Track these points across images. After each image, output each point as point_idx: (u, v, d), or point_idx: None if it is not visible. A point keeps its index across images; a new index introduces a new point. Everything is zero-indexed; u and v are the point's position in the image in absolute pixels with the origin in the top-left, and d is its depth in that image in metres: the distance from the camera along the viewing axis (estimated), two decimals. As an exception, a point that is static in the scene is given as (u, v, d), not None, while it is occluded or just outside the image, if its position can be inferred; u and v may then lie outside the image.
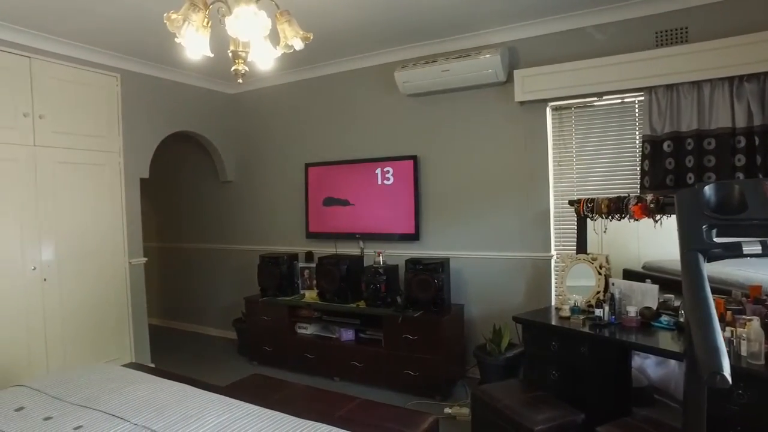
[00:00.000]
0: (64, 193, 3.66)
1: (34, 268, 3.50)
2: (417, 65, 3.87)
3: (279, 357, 4.26)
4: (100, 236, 3.90)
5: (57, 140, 3.62)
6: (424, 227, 4.14)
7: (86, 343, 3.78)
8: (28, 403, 2.13)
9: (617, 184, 3.43)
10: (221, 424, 1.82)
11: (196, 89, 4.78)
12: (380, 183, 4.23)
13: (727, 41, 2.87)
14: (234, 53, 1.93)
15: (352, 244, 4.44)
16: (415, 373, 3.60)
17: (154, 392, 2.19)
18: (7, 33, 3.36)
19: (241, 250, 5.16)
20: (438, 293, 3.64)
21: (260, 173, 5.06)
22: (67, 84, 3.69)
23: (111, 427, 1.86)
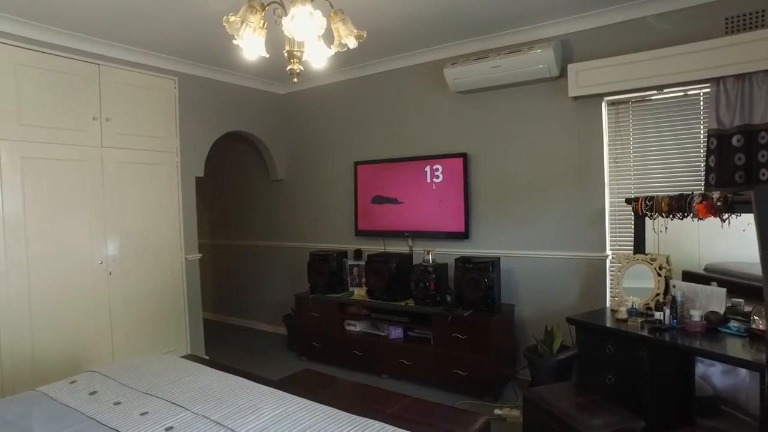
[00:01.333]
0: (127, 191, 3.86)
1: (101, 263, 3.70)
2: (467, 62, 3.82)
3: (328, 353, 4.32)
4: (159, 233, 4.09)
5: (121, 141, 3.82)
6: (474, 226, 4.09)
7: (146, 333, 3.97)
8: (100, 388, 2.26)
9: (678, 182, 3.27)
10: (277, 417, 1.87)
11: (248, 90, 4.91)
12: (429, 181, 4.21)
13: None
14: (289, 53, 1.96)
15: (400, 242, 4.44)
16: (464, 373, 3.56)
17: (211, 383, 2.27)
18: (79, 42, 3.57)
19: (291, 247, 5.26)
20: (488, 292, 3.58)
21: (310, 171, 5.14)
22: (130, 88, 3.88)
23: (173, 415, 1.94)
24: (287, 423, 1.82)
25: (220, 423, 1.84)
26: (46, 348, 3.38)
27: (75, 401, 2.13)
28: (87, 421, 1.94)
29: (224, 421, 1.85)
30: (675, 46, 3.05)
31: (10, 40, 3.23)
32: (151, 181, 4.03)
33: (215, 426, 1.83)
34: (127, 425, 1.87)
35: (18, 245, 3.26)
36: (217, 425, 1.83)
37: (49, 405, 2.11)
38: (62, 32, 3.45)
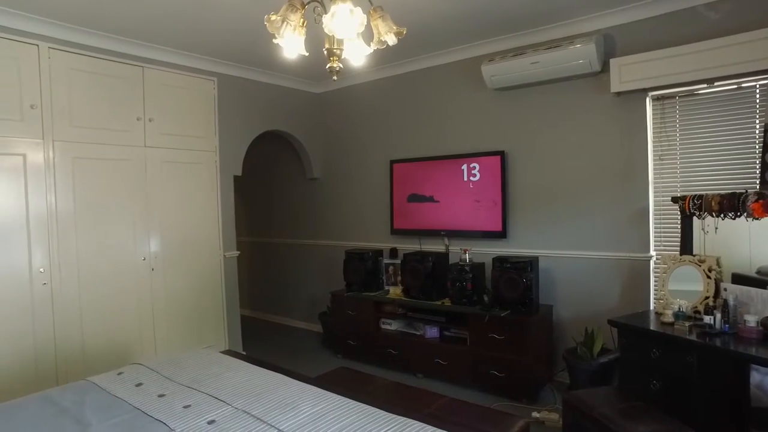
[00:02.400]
0: (168, 190, 3.96)
1: (144, 259, 3.82)
2: (505, 58, 3.75)
3: (363, 351, 4.33)
4: (198, 230, 4.19)
5: (163, 141, 3.92)
6: (512, 225, 4.02)
7: (186, 328, 4.08)
8: (145, 380, 2.33)
9: (729, 180, 3.12)
10: (316, 414, 1.88)
11: (285, 89, 4.97)
12: (466, 179, 4.16)
13: None
14: (329, 51, 1.97)
15: (436, 241, 4.41)
16: (500, 374, 3.51)
17: (251, 379, 2.30)
18: (124, 46, 3.69)
19: (327, 245, 5.30)
20: (526, 293, 3.52)
21: (346, 170, 5.16)
22: (172, 89, 3.99)
23: (215, 409, 1.98)
24: (326, 420, 1.82)
25: (260, 418, 1.86)
26: (94, 339, 3.51)
27: (123, 392, 2.20)
28: (134, 411, 2.00)
29: (264, 417, 1.87)
30: (729, 36, 2.90)
31: (64, 46, 3.37)
32: (191, 179, 4.13)
33: (255, 421, 1.85)
34: (171, 417, 1.91)
35: (69, 241, 3.39)
36: (258, 420, 1.85)
37: (99, 394, 2.19)
38: (109, 37, 3.58)
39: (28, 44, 3.22)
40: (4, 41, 3.12)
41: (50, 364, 3.30)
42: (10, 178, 3.15)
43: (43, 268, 3.27)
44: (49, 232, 3.30)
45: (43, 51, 3.28)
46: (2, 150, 3.11)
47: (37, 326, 3.24)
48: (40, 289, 3.26)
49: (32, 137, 3.24)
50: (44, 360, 3.27)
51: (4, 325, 3.10)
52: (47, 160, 3.30)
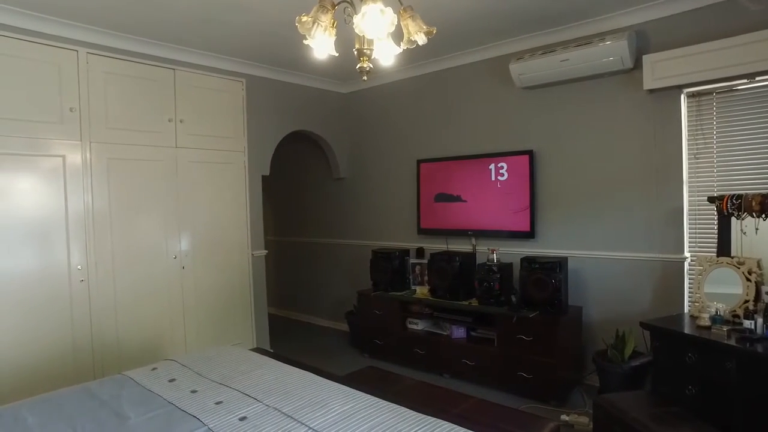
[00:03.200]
0: (198, 189, 4.04)
1: (175, 257, 3.90)
2: (533, 56, 3.70)
3: (389, 351, 4.34)
4: (227, 229, 4.26)
5: (193, 142, 4.00)
6: (540, 224, 3.97)
7: (215, 325, 4.15)
8: (178, 376, 2.39)
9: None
10: (346, 413, 1.89)
11: (312, 90, 5.01)
12: (494, 179, 4.12)
13: None
14: (359, 51, 1.97)
15: (463, 241, 4.39)
16: (528, 376, 3.47)
17: (280, 377, 2.33)
18: (157, 49, 3.78)
19: (353, 244, 5.33)
20: (555, 294, 3.47)
21: (372, 170, 5.18)
22: (202, 90, 4.07)
23: (246, 405, 2.01)
24: (356, 419, 1.83)
25: (290, 416, 1.88)
26: (128, 334, 3.62)
27: (157, 387, 2.26)
28: (168, 406, 2.05)
29: (295, 414, 1.89)
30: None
31: (100, 51, 3.48)
32: (220, 179, 4.20)
33: (286, 419, 1.87)
34: (204, 413, 1.95)
35: (104, 240, 3.50)
36: (288, 418, 1.87)
37: (135, 388, 2.26)
38: (143, 41, 3.67)
39: (68, 50, 3.34)
40: (46, 48, 3.24)
41: (87, 358, 3.41)
42: (50, 179, 3.26)
43: (80, 266, 3.38)
44: (86, 230, 3.41)
45: (81, 56, 3.39)
46: (44, 152, 3.23)
47: (75, 321, 3.35)
48: (78, 286, 3.37)
49: (71, 139, 3.35)
50: (82, 353, 3.38)
51: (45, 319, 3.22)
52: (84, 161, 3.41)
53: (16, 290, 3.11)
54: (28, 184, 3.18)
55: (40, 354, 3.20)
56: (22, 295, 3.13)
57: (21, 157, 3.14)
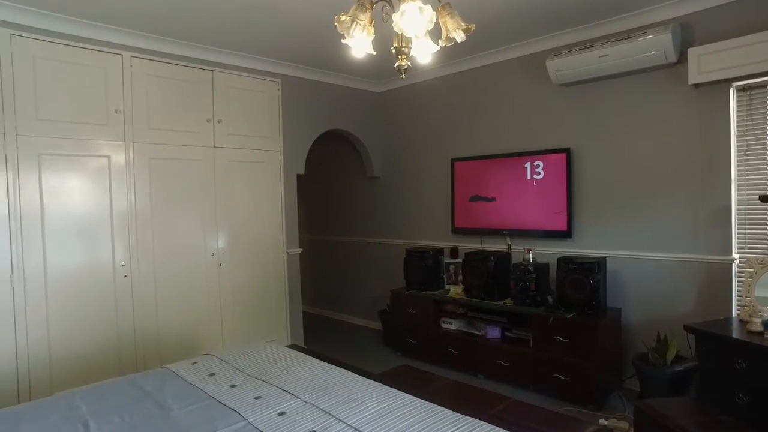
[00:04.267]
0: (235, 188, 4.13)
1: (213, 255, 3.99)
2: (571, 52, 3.62)
3: (423, 350, 4.32)
4: (263, 228, 4.33)
5: (230, 141, 4.08)
6: (577, 224, 3.88)
7: (251, 321, 4.23)
8: (218, 371, 2.44)
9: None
10: (383, 411, 1.89)
11: (346, 89, 5.04)
12: (530, 177, 4.06)
13: None
14: (397, 49, 1.97)
15: (498, 240, 4.33)
16: (565, 378, 3.40)
17: (317, 373, 2.36)
18: (196, 51, 3.87)
19: (387, 243, 5.33)
20: (593, 295, 3.39)
21: (406, 169, 5.17)
22: (239, 91, 4.14)
23: (285, 401, 2.04)
24: (393, 418, 1.83)
25: (328, 412, 1.90)
26: (168, 329, 3.72)
27: (198, 381, 2.32)
28: (209, 400, 2.10)
29: (332, 411, 1.91)
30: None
31: (143, 54, 3.60)
32: (256, 178, 4.27)
33: (324, 415, 1.89)
34: (243, 407, 1.99)
35: (146, 237, 3.61)
36: (326, 414, 1.89)
37: (177, 381, 2.32)
38: (183, 44, 3.76)
39: (114, 54, 3.46)
40: (93, 53, 3.37)
41: (130, 350, 3.53)
42: (97, 179, 3.39)
43: (124, 262, 3.50)
44: (129, 228, 3.53)
45: (126, 60, 3.51)
46: (91, 152, 3.36)
47: (119, 315, 3.48)
48: (122, 281, 3.50)
49: (115, 140, 3.47)
50: (125, 345, 3.51)
51: (92, 313, 3.36)
52: (128, 161, 3.53)
53: (67, 284, 3.25)
54: (76, 184, 3.31)
55: (88, 345, 3.34)
56: (72, 288, 3.28)
57: (70, 157, 3.28)
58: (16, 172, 3.06)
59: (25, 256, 3.09)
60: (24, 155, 3.09)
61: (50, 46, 3.20)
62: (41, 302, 3.15)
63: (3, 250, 3.01)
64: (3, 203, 3.01)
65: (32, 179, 3.13)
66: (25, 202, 3.09)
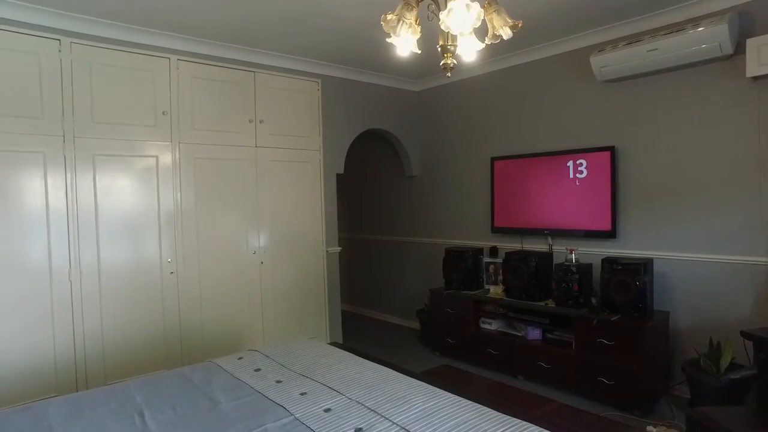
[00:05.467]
0: (276, 187, 4.20)
1: (254, 253, 4.07)
2: (617, 47, 3.52)
3: (462, 350, 4.29)
4: (303, 226, 4.39)
5: (272, 141, 4.15)
6: (622, 224, 3.77)
7: (292, 319, 4.29)
8: (263, 366, 2.49)
9: None
10: (428, 410, 1.89)
11: (385, 89, 5.05)
12: (572, 176, 3.97)
13: None
14: (443, 47, 1.96)
15: (538, 240, 4.26)
16: (609, 382, 3.31)
17: (360, 371, 2.37)
18: (239, 53, 3.96)
19: (425, 242, 5.32)
20: (639, 297, 3.28)
21: (445, 168, 5.14)
22: (280, 92, 4.21)
23: (329, 398, 2.06)
24: (439, 417, 1.83)
25: (373, 410, 1.91)
26: (211, 324, 3.82)
27: (244, 375, 2.37)
28: (256, 394, 2.14)
29: (377, 409, 1.91)
30: None
31: (189, 57, 3.70)
32: (297, 177, 4.33)
33: (369, 412, 1.90)
34: (290, 402, 2.02)
35: (190, 235, 3.71)
36: (371, 412, 1.90)
37: (223, 376, 2.38)
38: (227, 45, 3.85)
39: (162, 58, 3.58)
40: (143, 57, 3.50)
41: (176, 344, 3.64)
42: (145, 178, 3.51)
43: (170, 259, 3.61)
44: (175, 225, 3.64)
45: (173, 63, 3.62)
46: (140, 152, 3.49)
47: (165, 310, 3.59)
48: (168, 278, 3.61)
49: (163, 140, 3.59)
50: (171, 340, 3.62)
51: (140, 307, 3.48)
52: (174, 160, 3.64)
53: (118, 279, 3.39)
54: (126, 183, 3.44)
55: (137, 337, 3.46)
56: (122, 283, 3.41)
57: (122, 157, 3.41)
58: (73, 172, 3.21)
59: (81, 252, 3.23)
60: (80, 156, 3.23)
61: (105, 52, 3.34)
62: (95, 295, 3.29)
63: (62, 245, 3.16)
64: (62, 202, 3.17)
65: (87, 179, 3.27)
66: (82, 201, 3.24)
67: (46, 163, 3.12)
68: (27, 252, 3.06)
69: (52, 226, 3.14)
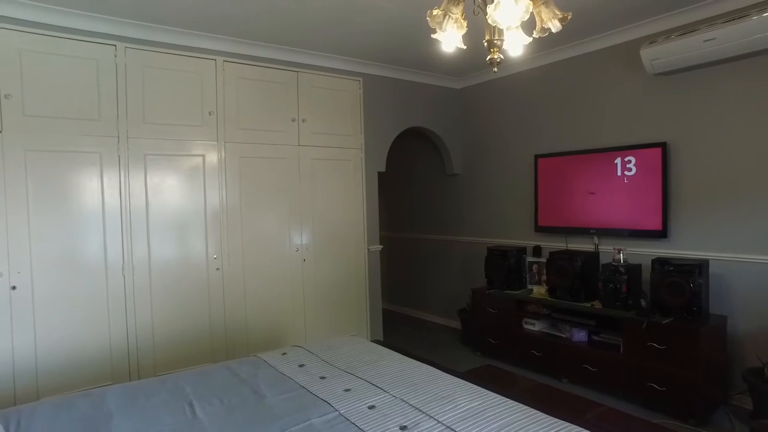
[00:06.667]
0: (318, 186, 4.24)
1: (297, 250, 4.13)
2: (670, 38, 3.37)
3: (504, 350, 4.22)
4: (345, 224, 4.42)
5: (314, 140, 4.20)
6: (674, 223, 3.61)
7: (332, 316, 4.33)
8: (307, 362, 2.52)
9: None
10: (473, 410, 1.86)
11: (426, 86, 5.02)
12: (620, 174, 3.83)
13: None
14: (489, 42, 1.93)
15: (583, 240, 4.13)
16: (661, 388, 3.17)
17: (404, 369, 2.36)
18: (281, 53, 4.02)
19: (466, 241, 5.26)
20: (693, 300, 3.13)
21: (487, 166, 5.07)
22: (322, 90, 4.26)
23: (374, 395, 2.06)
24: (485, 417, 1.80)
25: (418, 408, 1.90)
26: (255, 320, 3.90)
27: (288, 371, 2.40)
28: (301, 389, 2.17)
29: (423, 407, 1.90)
30: None
31: (234, 58, 3.79)
32: (338, 176, 4.37)
33: (414, 410, 1.89)
34: (334, 398, 2.04)
35: (235, 232, 3.80)
36: (416, 410, 1.89)
37: (269, 370, 2.43)
38: (270, 46, 3.92)
39: (209, 59, 3.68)
40: (191, 59, 3.61)
41: (221, 338, 3.74)
42: (192, 177, 3.62)
43: (216, 255, 3.71)
44: (221, 223, 3.74)
45: (219, 64, 3.72)
46: (187, 152, 3.60)
47: (211, 306, 3.70)
48: (214, 274, 3.71)
49: (209, 140, 3.69)
50: (217, 334, 3.72)
51: (187, 303, 3.59)
52: (220, 159, 3.73)
53: (167, 274, 3.51)
54: (175, 181, 3.56)
55: (184, 331, 3.58)
56: (171, 278, 3.53)
57: (170, 157, 3.53)
58: (126, 171, 3.34)
59: (133, 248, 3.37)
60: (133, 156, 3.37)
61: (155, 56, 3.46)
62: (146, 290, 3.42)
63: (116, 241, 3.31)
64: (116, 200, 3.31)
65: (139, 178, 3.40)
66: (134, 199, 3.37)
67: (102, 163, 3.27)
68: (86, 248, 3.22)
69: (108, 224, 3.28)
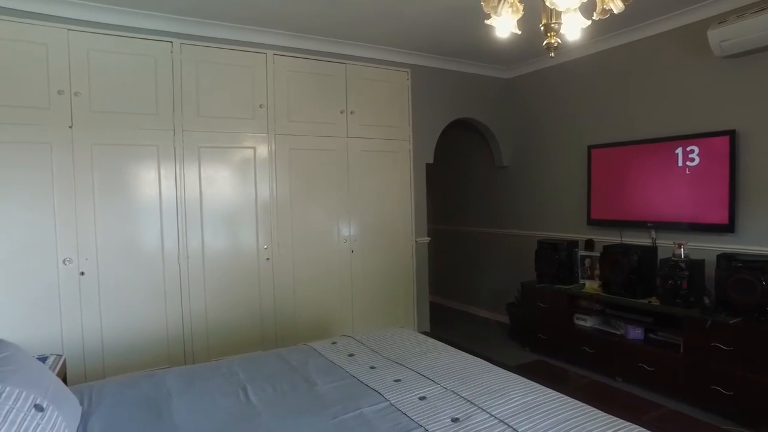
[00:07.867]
0: (366, 177, 4.25)
1: (345, 241, 4.17)
2: (742, 16, 3.14)
3: (554, 346, 4.11)
4: (393, 216, 4.42)
5: (362, 131, 4.21)
6: (742, 217, 3.39)
7: (380, 307, 4.35)
8: (356, 352, 2.54)
9: None
10: (527, 404, 1.82)
11: (475, 76, 4.93)
12: (681, 164, 3.63)
13: None
14: (546, 26, 1.86)
15: (638, 233, 3.96)
16: (727, 392, 3.00)
17: (454, 361, 2.34)
18: (331, 46, 4.04)
19: (515, 234, 5.15)
20: (765, 298, 2.94)
21: (536, 157, 4.93)
22: (370, 82, 4.25)
23: (424, 386, 2.05)
24: (539, 412, 1.75)
25: (470, 401, 1.87)
26: (303, 309, 3.97)
27: (338, 360, 2.43)
28: (351, 378, 2.18)
29: (474, 400, 1.87)
30: None
31: (284, 52, 3.85)
32: (386, 167, 4.36)
33: (466, 403, 1.86)
34: (384, 388, 2.04)
35: (285, 223, 3.87)
36: (468, 402, 1.86)
37: (319, 359, 2.46)
38: (319, 39, 3.95)
39: (259, 53, 3.75)
40: (242, 53, 3.69)
41: (270, 327, 3.83)
42: (243, 169, 3.71)
43: (266, 245, 3.79)
44: (271, 214, 3.82)
45: (269, 58, 3.78)
46: (239, 144, 3.69)
47: (261, 295, 3.79)
48: (264, 264, 3.79)
49: (260, 132, 3.76)
50: (266, 322, 3.81)
51: (239, 291, 3.70)
52: (270, 151, 3.80)
53: (219, 263, 3.62)
54: (227, 173, 3.66)
55: (235, 318, 3.68)
56: (223, 268, 3.64)
57: (223, 149, 3.63)
58: (182, 163, 3.46)
59: (188, 238, 3.49)
60: (188, 148, 3.48)
61: (209, 51, 3.56)
62: (200, 278, 3.54)
63: (173, 231, 3.44)
64: (172, 191, 3.44)
65: (193, 169, 3.51)
66: (188, 190, 3.49)
67: (160, 155, 3.39)
68: (144, 237, 3.36)
69: (164, 214, 3.41)
